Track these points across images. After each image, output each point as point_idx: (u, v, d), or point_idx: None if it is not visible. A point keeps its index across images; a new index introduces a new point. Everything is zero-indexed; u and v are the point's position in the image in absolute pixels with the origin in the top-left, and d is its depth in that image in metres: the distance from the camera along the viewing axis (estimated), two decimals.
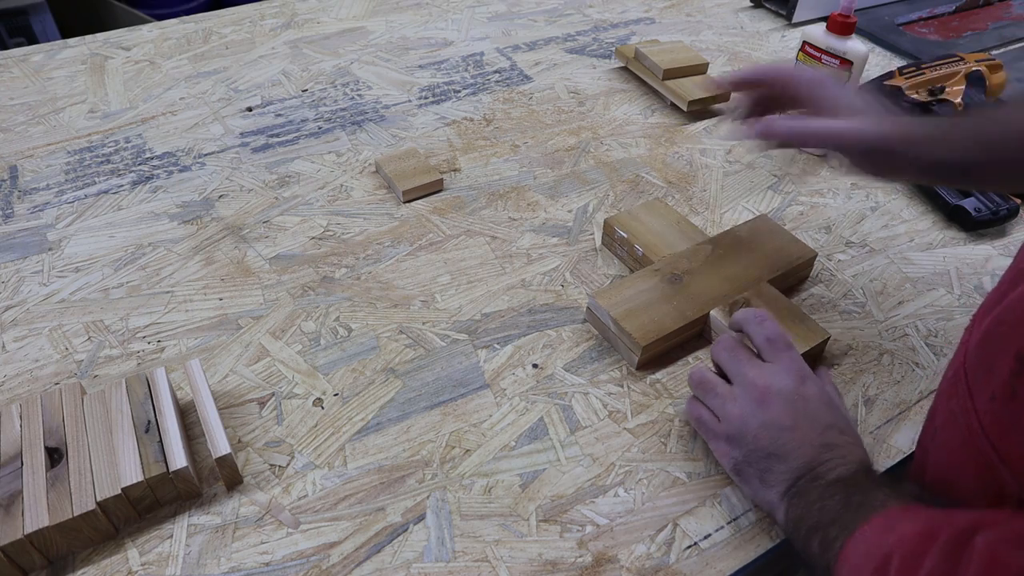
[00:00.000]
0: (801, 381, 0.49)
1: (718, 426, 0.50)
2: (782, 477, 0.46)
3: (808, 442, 0.46)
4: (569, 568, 0.46)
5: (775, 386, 0.48)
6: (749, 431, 0.48)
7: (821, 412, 0.48)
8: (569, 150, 0.83)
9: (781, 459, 0.46)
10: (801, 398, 0.48)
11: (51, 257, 0.67)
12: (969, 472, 0.39)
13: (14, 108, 0.86)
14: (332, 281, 0.66)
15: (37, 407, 0.49)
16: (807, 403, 0.48)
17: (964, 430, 0.38)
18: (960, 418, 0.39)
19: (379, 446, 0.53)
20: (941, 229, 0.74)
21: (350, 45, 1.01)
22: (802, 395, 0.48)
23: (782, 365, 0.50)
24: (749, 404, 0.49)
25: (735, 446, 0.49)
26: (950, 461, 0.41)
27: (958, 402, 0.39)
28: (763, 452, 0.47)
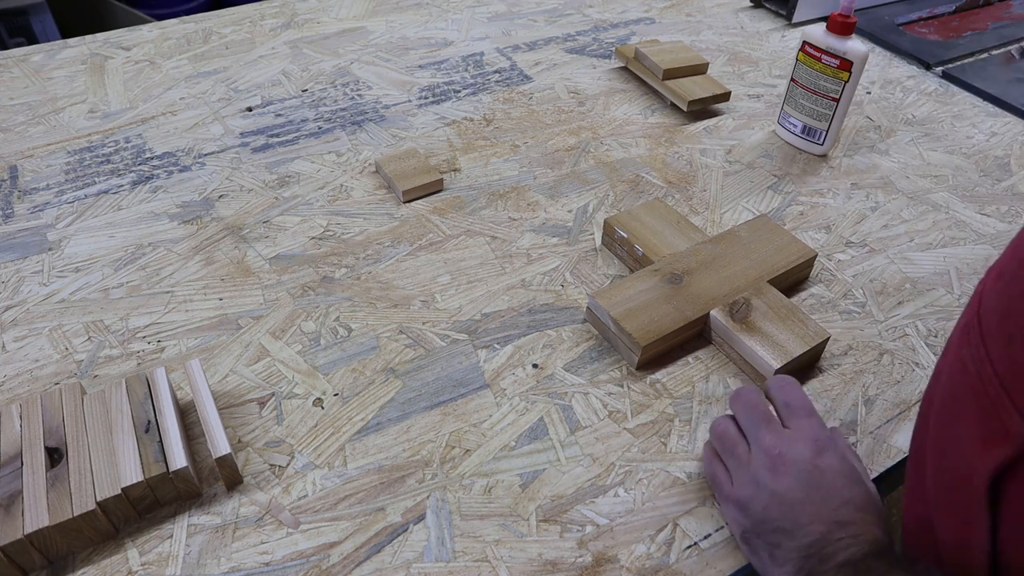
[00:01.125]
0: (819, 452, 0.46)
1: (730, 489, 0.48)
2: (791, 555, 0.43)
3: (819, 518, 0.43)
4: (569, 568, 0.46)
5: (789, 455, 0.46)
6: (759, 501, 0.45)
7: (837, 486, 0.45)
8: (569, 150, 0.83)
9: (790, 535, 0.44)
10: (817, 470, 0.45)
11: (51, 257, 0.67)
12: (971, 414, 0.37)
13: (14, 108, 0.86)
14: (332, 281, 0.66)
15: (37, 407, 0.49)
16: (822, 475, 0.45)
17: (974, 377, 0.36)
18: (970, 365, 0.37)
19: (379, 446, 0.53)
20: (941, 229, 0.74)
21: (350, 45, 1.01)
22: (818, 467, 0.45)
23: (800, 433, 0.47)
24: (762, 471, 0.46)
25: (744, 514, 0.46)
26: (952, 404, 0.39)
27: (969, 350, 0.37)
28: (772, 525, 0.45)
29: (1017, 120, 0.91)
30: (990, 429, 0.36)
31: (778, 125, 0.87)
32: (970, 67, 1.02)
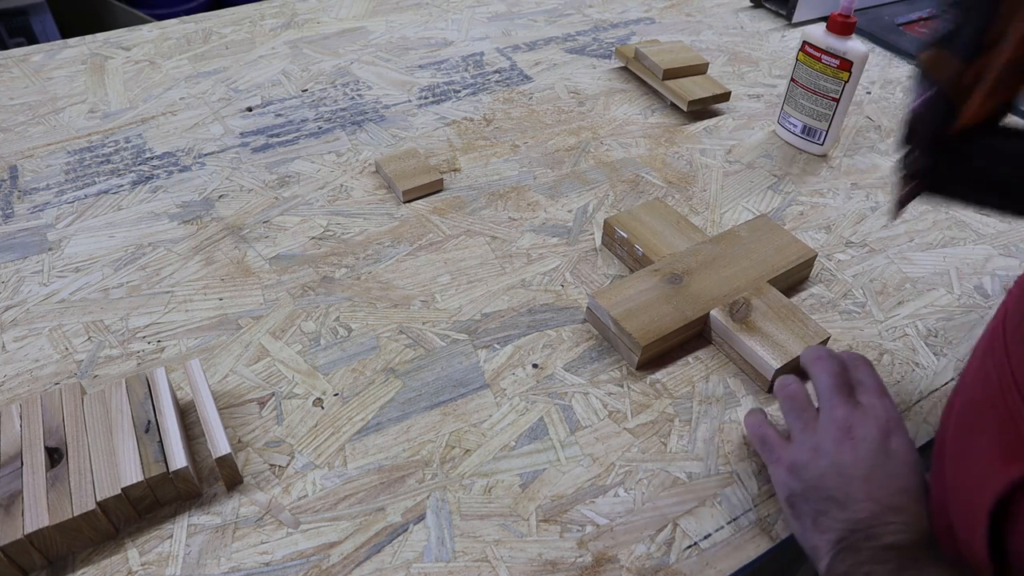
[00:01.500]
0: (888, 434, 0.46)
1: (784, 450, 0.47)
2: (837, 525, 0.43)
3: (875, 499, 0.43)
4: (569, 568, 0.46)
5: (859, 431, 0.46)
6: (816, 467, 0.45)
7: (900, 472, 0.45)
8: (569, 150, 0.83)
9: (841, 506, 0.43)
10: (883, 452, 0.45)
11: (51, 257, 0.67)
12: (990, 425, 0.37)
13: (14, 108, 0.86)
14: (332, 281, 0.66)
15: (37, 407, 0.49)
16: (888, 459, 0.45)
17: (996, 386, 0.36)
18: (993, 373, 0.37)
19: (379, 446, 0.53)
20: (941, 229, 0.74)
21: (350, 45, 1.01)
22: (885, 449, 0.45)
23: (873, 411, 0.47)
24: (827, 440, 0.46)
25: (796, 477, 0.46)
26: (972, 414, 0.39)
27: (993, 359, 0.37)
28: (825, 493, 0.44)
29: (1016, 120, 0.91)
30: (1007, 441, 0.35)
31: (778, 125, 0.87)
32: None
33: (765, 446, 0.50)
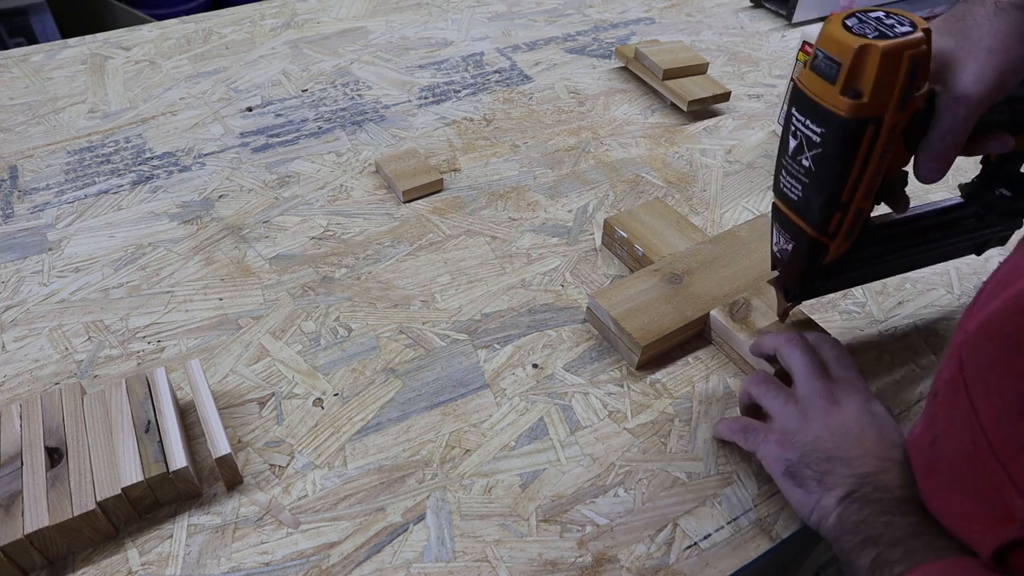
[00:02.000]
0: (868, 399, 0.48)
1: (769, 428, 0.48)
2: (844, 480, 0.43)
3: (875, 453, 0.44)
4: (569, 568, 0.46)
5: (843, 398, 0.47)
6: (809, 432, 0.46)
7: (888, 432, 0.46)
8: (569, 150, 0.83)
9: (845, 463, 0.44)
10: (869, 413, 0.47)
11: (51, 257, 0.67)
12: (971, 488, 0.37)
13: (14, 108, 0.86)
14: (332, 281, 0.66)
15: (37, 407, 0.49)
16: (874, 418, 0.46)
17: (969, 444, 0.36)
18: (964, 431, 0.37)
19: (379, 446, 0.53)
20: None
21: (350, 45, 1.01)
22: (870, 410, 0.47)
23: (849, 382, 0.49)
24: (813, 408, 0.47)
25: (789, 446, 0.47)
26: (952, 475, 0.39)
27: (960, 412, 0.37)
28: (824, 454, 0.45)
29: None
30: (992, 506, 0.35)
31: (778, 125, 0.87)
32: None
33: (748, 433, 0.50)
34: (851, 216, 0.46)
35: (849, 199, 0.45)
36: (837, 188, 0.44)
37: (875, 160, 0.43)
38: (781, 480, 0.47)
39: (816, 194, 0.45)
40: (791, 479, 0.46)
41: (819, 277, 0.52)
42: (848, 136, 0.42)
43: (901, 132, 0.43)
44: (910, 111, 0.42)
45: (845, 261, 0.51)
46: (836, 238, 0.47)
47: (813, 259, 0.49)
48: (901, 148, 0.45)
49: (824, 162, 0.43)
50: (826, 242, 0.48)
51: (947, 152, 0.44)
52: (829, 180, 0.44)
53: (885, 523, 0.40)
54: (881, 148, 0.42)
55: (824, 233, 0.47)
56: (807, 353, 0.51)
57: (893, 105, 0.41)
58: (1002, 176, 0.52)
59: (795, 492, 0.46)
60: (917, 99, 0.42)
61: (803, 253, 0.49)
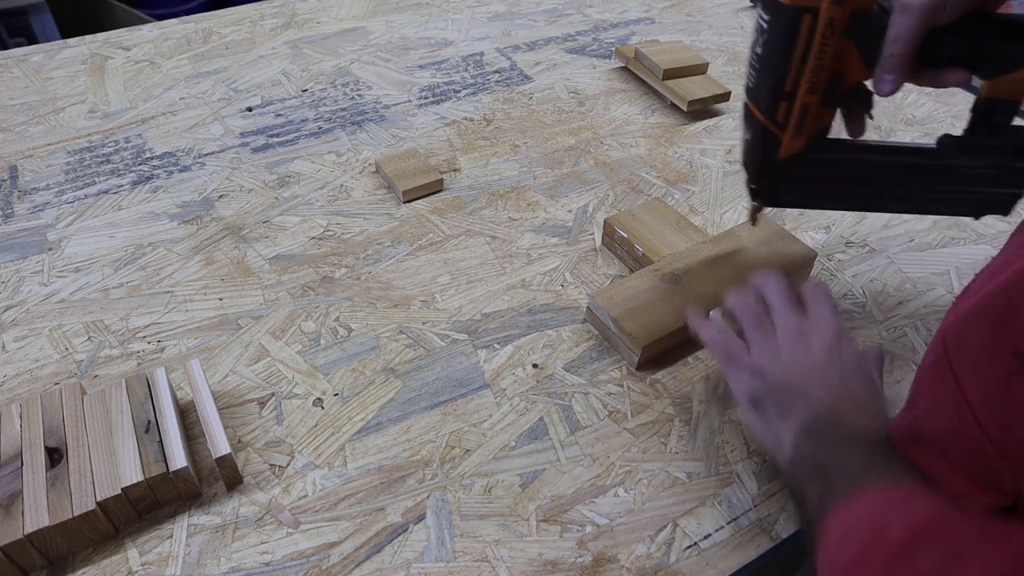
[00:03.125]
0: (838, 340, 0.50)
1: (747, 357, 0.50)
2: (801, 413, 0.45)
3: (835, 393, 0.46)
4: (569, 568, 0.46)
5: (813, 335, 0.49)
6: (780, 367, 0.48)
7: (853, 373, 0.48)
8: (569, 150, 0.83)
9: (805, 398, 0.46)
10: (836, 355, 0.48)
11: (51, 257, 0.67)
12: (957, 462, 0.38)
13: (14, 108, 0.86)
14: (332, 281, 0.66)
15: (37, 407, 0.49)
16: (843, 361, 0.48)
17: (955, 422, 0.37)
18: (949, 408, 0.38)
19: (379, 446, 0.53)
20: (941, 229, 0.74)
21: (350, 45, 1.01)
22: (839, 353, 0.49)
23: (823, 321, 0.51)
24: (787, 345, 0.49)
25: (762, 379, 0.49)
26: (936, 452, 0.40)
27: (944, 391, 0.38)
28: (787, 387, 0.47)
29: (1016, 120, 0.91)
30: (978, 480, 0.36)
31: None
32: None
33: (728, 356, 0.51)
34: (797, 108, 0.50)
35: (793, 89, 0.49)
36: (779, 74, 0.48)
37: (815, 51, 0.47)
38: (745, 409, 0.49)
39: (763, 79, 0.50)
40: (755, 409, 0.48)
41: (780, 178, 0.55)
42: (786, 22, 0.46)
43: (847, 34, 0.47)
44: (848, 8, 0.45)
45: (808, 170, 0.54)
46: (786, 130, 0.51)
47: (767, 149, 0.53)
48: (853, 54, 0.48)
49: (769, 48, 0.48)
50: (776, 132, 0.51)
51: (896, 62, 0.46)
52: (772, 66, 0.48)
53: (834, 451, 0.41)
54: (819, 41, 0.46)
55: (773, 121, 0.51)
56: (785, 292, 0.53)
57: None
58: (988, 124, 0.53)
59: (757, 423, 0.48)
60: None
61: (758, 141, 0.53)
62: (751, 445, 0.54)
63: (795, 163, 0.53)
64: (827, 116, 0.52)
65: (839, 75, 0.49)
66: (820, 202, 0.58)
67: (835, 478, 0.40)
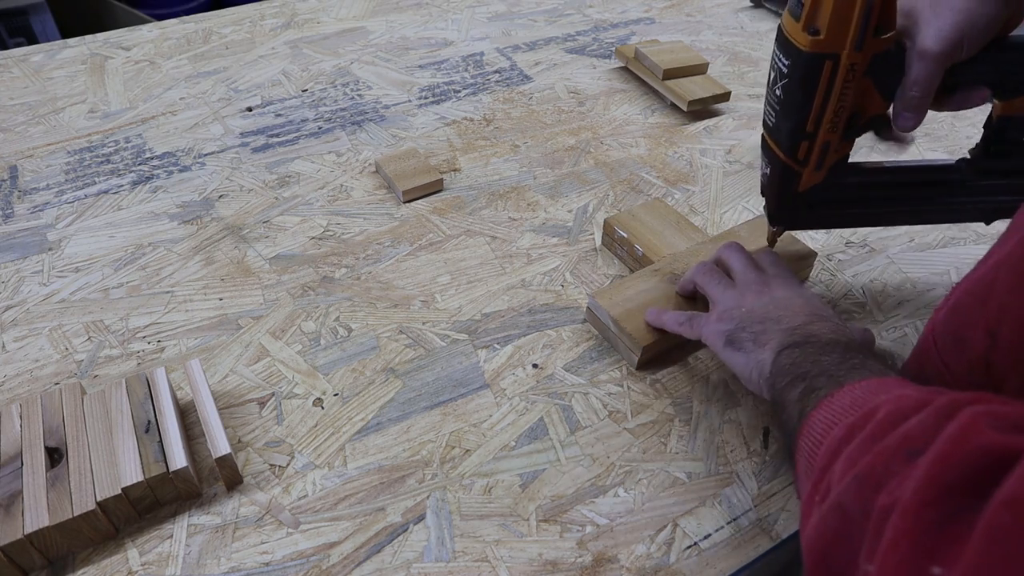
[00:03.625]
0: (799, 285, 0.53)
1: (710, 314, 0.53)
2: (777, 335, 0.47)
3: (803, 312, 0.48)
4: (569, 568, 0.46)
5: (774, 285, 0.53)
6: (745, 303, 0.51)
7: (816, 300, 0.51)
8: (569, 150, 0.83)
9: (776, 321, 0.48)
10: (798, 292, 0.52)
11: (51, 257, 0.67)
12: None
13: (14, 108, 0.86)
14: (332, 281, 0.66)
15: (37, 407, 0.49)
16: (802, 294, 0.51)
17: None
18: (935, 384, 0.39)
19: (379, 446, 0.53)
20: (941, 229, 0.74)
21: (350, 45, 1.01)
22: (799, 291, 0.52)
23: (783, 277, 0.54)
24: (748, 290, 0.52)
25: (729, 319, 0.51)
26: None
27: (932, 368, 0.40)
28: (758, 317, 0.49)
29: None
30: None
31: None
32: None
33: (691, 320, 0.54)
34: (818, 147, 0.51)
35: (814, 129, 0.50)
36: (801, 117, 0.49)
37: (836, 95, 0.48)
38: (724, 351, 0.50)
39: (784, 121, 0.50)
40: (731, 346, 0.49)
41: (800, 205, 0.56)
42: (807, 68, 0.47)
43: (866, 75, 0.48)
44: (869, 53, 0.46)
45: (827, 195, 0.55)
46: (807, 166, 0.52)
47: (787, 183, 0.54)
48: (872, 91, 0.49)
49: (790, 92, 0.49)
50: (797, 168, 0.53)
51: (915, 103, 0.48)
52: (794, 108, 0.49)
53: (813, 362, 0.42)
54: (841, 84, 0.47)
55: (794, 159, 0.52)
56: (743, 253, 0.57)
57: (850, 44, 0.45)
58: (1001, 142, 0.54)
59: (737, 357, 0.49)
60: (878, 43, 0.46)
61: (777, 176, 0.54)
62: (751, 445, 0.54)
63: (814, 192, 0.54)
64: (847, 148, 0.53)
65: (858, 111, 0.50)
66: (838, 223, 0.60)
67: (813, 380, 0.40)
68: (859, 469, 0.31)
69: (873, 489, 0.29)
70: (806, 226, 0.61)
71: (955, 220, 0.61)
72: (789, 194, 0.55)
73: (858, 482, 0.30)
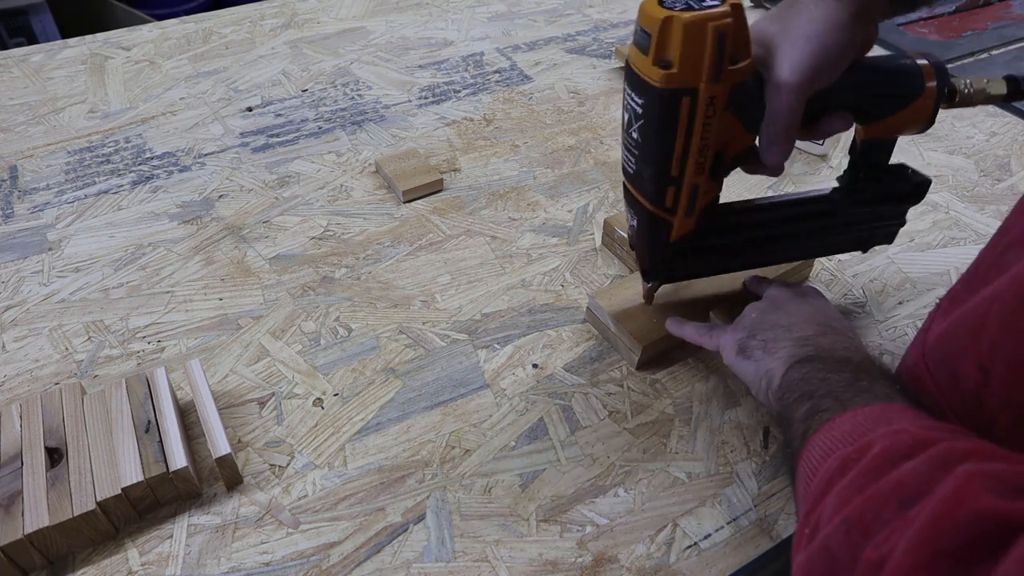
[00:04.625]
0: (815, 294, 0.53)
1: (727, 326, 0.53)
2: (787, 344, 0.46)
3: (814, 321, 0.48)
4: (569, 568, 0.46)
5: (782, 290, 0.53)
6: (755, 311, 0.51)
7: (828, 311, 0.50)
8: (569, 150, 0.83)
9: (787, 329, 0.48)
10: (808, 301, 0.51)
11: (51, 257, 0.67)
12: None
13: (14, 108, 0.86)
14: (332, 281, 0.66)
15: (37, 407, 0.49)
16: (813, 303, 0.51)
17: None
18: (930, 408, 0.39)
19: (379, 446, 0.53)
20: (941, 229, 0.74)
21: (350, 45, 1.01)
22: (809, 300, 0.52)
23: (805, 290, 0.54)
24: (759, 306, 0.52)
25: (741, 328, 0.50)
26: None
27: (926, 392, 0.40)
28: (768, 325, 0.49)
29: (1017, 120, 0.91)
30: None
31: None
32: (970, 67, 1.02)
33: (711, 331, 0.54)
34: (686, 191, 0.47)
35: (679, 173, 0.46)
36: (663, 160, 0.45)
37: (697, 133, 0.44)
38: (735, 361, 0.50)
39: (646, 166, 0.46)
40: (742, 354, 0.49)
41: (674, 256, 0.53)
42: (664, 105, 0.42)
43: (727, 109, 0.44)
44: (728, 84, 0.42)
45: (701, 243, 0.52)
46: (676, 213, 0.48)
47: (657, 234, 0.50)
48: (736, 126, 0.45)
49: (647, 134, 0.44)
50: (666, 217, 0.49)
51: (779, 136, 0.45)
52: (654, 151, 0.45)
53: (822, 379, 0.42)
54: (702, 121, 0.43)
55: (661, 208, 0.48)
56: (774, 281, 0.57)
57: (706, 77, 0.41)
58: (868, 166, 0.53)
59: (747, 366, 0.48)
60: (735, 73, 0.42)
61: (646, 228, 0.50)
62: (751, 445, 0.54)
63: (687, 239, 0.51)
64: (716, 189, 0.50)
65: (724, 148, 0.46)
66: (716, 268, 0.57)
67: (821, 400, 0.40)
68: (849, 512, 0.30)
69: (862, 535, 0.29)
70: (684, 277, 0.58)
71: (833, 252, 0.61)
72: (661, 245, 0.51)
73: (847, 526, 0.30)
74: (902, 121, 0.49)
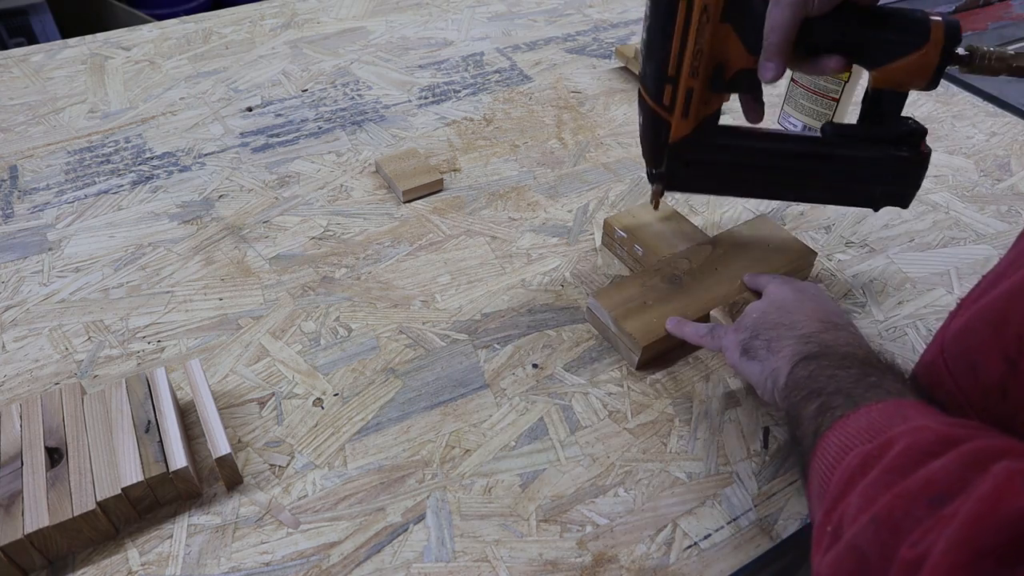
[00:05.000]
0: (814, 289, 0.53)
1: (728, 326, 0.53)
2: (789, 342, 0.47)
3: (816, 318, 0.48)
4: (569, 568, 0.46)
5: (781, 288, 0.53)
6: (757, 311, 0.51)
7: (828, 303, 0.51)
8: (569, 150, 0.83)
9: (789, 327, 0.48)
10: (807, 294, 0.52)
11: (51, 257, 0.67)
12: None
13: (14, 108, 0.86)
14: (332, 281, 0.66)
15: (37, 407, 0.49)
16: (814, 299, 0.52)
17: None
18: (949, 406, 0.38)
19: (379, 446, 0.53)
20: (941, 229, 0.74)
21: (350, 45, 1.01)
22: (809, 293, 0.52)
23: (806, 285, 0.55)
24: (758, 305, 0.52)
25: (742, 329, 0.51)
26: None
27: (945, 389, 0.39)
28: (771, 323, 0.49)
29: (1017, 120, 0.91)
30: None
31: (778, 125, 0.87)
32: None
33: (712, 332, 0.54)
34: (682, 92, 0.53)
35: (675, 74, 0.52)
36: (661, 59, 0.51)
37: (692, 37, 0.50)
38: (739, 363, 0.50)
39: (648, 64, 0.53)
40: (746, 355, 0.49)
41: (675, 161, 0.58)
42: (663, 8, 0.49)
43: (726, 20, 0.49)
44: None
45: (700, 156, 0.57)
46: (673, 112, 0.54)
47: (657, 132, 0.56)
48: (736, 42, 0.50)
49: (652, 34, 0.51)
50: (664, 116, 0.55)
51: (774, 50, 0.49)
52: (655, 51, 0.51)
53: (829, 376, 0.42)
54: (696, 26, 0.49)
55: (660, 105, 0.54)
56: None
57: None
58: (875, 114, 0.55)
59: (752, 367, 0.49)
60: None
61: (649, 125, 0.56)
62: (751, 445, 0.54)
63: (686, 147, 0.56)
64: (715, 102, 0.55)
65: (723, 62, 0.52)
66: (716, 187, 0.62)
67: (830, 397, 0.40)
68: (877, 511, 0.30)
69: (892, 534, 0.29)
70: (685, 187, 0.63)
71: (840, 201, 0.61)
72: (661, 145, 0.56)
73: (876, 525, 0.30)
74: (903, 72, 0.51)
